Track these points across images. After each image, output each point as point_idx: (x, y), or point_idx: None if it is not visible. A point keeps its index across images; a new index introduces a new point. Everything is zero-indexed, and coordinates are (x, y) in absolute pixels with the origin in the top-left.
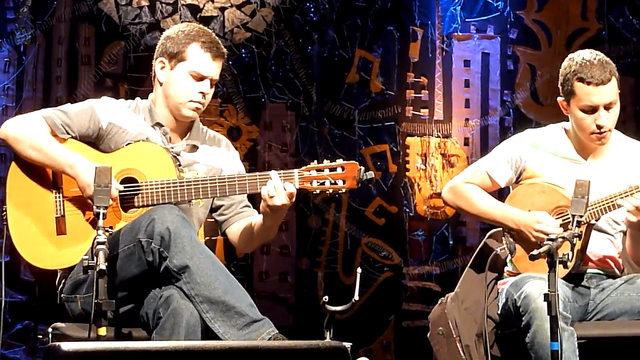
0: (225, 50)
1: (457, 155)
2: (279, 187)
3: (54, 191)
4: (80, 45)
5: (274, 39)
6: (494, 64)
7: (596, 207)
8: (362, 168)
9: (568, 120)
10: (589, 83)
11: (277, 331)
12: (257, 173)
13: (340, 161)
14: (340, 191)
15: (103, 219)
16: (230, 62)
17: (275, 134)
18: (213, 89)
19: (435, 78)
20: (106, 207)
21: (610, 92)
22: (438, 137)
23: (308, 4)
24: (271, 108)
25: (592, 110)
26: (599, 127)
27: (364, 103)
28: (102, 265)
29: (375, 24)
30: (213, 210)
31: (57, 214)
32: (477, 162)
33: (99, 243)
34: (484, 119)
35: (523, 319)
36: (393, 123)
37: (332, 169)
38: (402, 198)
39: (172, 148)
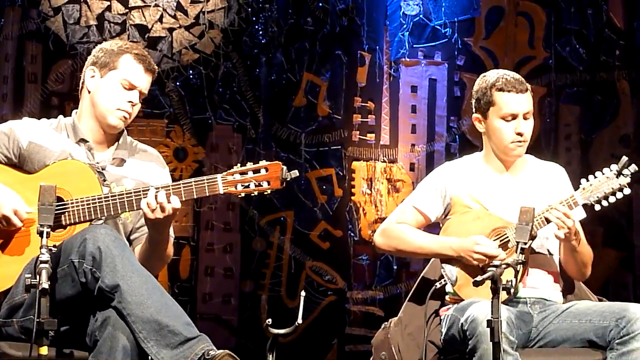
0: (156, 67)
1: (402, 180)
2: (163, 202)
3: None
4: (27, 63)
5: (221, 61)
6: (441, 90)
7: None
8: (285, 168)
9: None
10: (509, 91)
11: (213, 347)
12: (181, 182)
13: (263, 162)
14: (265, 192)
15: (47, 237)
16: (178, 83)
17: (221, 156)
18: (139, 104)
19: (382, 103)
20: (50, 226)
21: (528, 101)
22: (384, 162)
23: (256, 27)
24: (218, 130)
25: (512, 118)
26: (519, 134)
27: (310, 126)
28: (45, 284)
29: (324, 48)
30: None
31: None
32: (403, 202)
33: (41, 262)
34: (430, 144)
35: (469, 342)
36: (339, 147)
37: (256, 171)
38: (347, 222)
39: (98, 163)
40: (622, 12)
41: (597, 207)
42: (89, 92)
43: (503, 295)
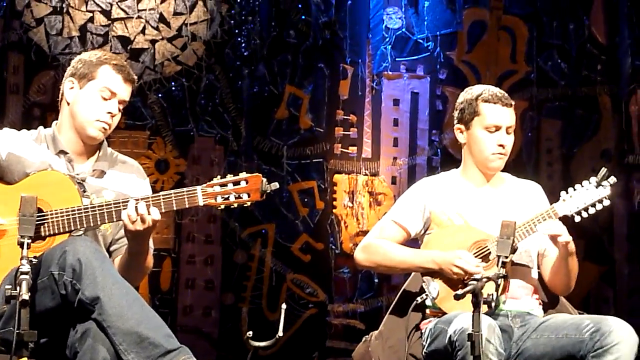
0: (135, 77)
1: (384, 193)
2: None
3: None
4: (9, 74)
5: (204, 73)
6: (423, 103)
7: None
8: (265, 180)
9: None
10: (495, 103)
11: (194, 358)
12: (161, 193)
13: (243, 174)
14: (245, 204)
15: (27, 248)
16: (160, 95)
17: (203, 168)
18: (120, 114)
19: (364, 116)
20: (31, 237)
21: (513, 116)
22: (366, 175)
23: (239, 39)
24: (200, 142)
25: (495, 129)
26: (500, 146)
27: (292, 139)
28: (25, 295)
29: (306, 61)
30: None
31: None
32: (383, 218)
33: (22, 273)
34: (411, 158)
35: (458, 354)
36: (321, 160)
37: (236, 183)
38: (329, 235)
39: (78, 175)
40: (604, 27)
41: (577, 219)
42: (68, 103)
43: (484, 309)
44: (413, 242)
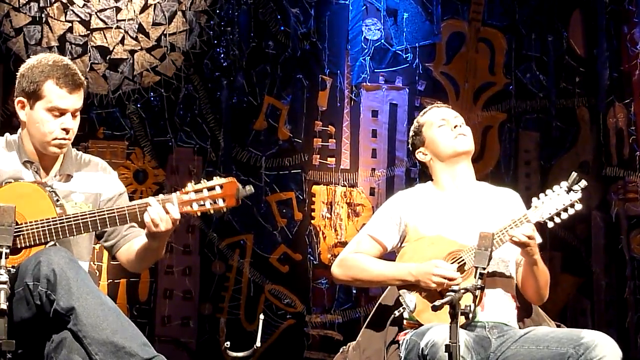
0: (82, 79)
1: (362, 204)
2: (161, 214)
3: None
4: None
5: (183, 84)
6: (402, 115)
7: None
8: (240, 186)
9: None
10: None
11: None
12: (136, 202)
13: (217, 179)
14: (221, 210)
15: (5, 258)
16: (139, 105)
17: (181, 179)
18: (78, 120)
19: (343, 127)
20: (9, 247)
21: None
22: (344, 186)
23: (218, 50)
24: (178, 152)
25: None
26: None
27: (271, 150)
28: (3, 305)
29: (285, 72)
30: (99, 236)
31: None
32: (359, 232)
33: (0, 282)
34: (390, 169)
35: None
36: (300, 171)
37: (211, 189)
38: (307, 246)
39: (46, 182)
40: (582, 40)
41: (550, 225)
42: (24, 123)
43: (461, 320)
44: (390, 254)
